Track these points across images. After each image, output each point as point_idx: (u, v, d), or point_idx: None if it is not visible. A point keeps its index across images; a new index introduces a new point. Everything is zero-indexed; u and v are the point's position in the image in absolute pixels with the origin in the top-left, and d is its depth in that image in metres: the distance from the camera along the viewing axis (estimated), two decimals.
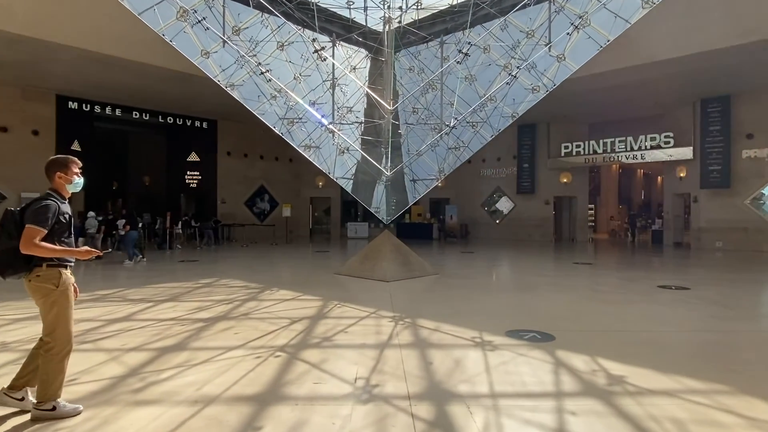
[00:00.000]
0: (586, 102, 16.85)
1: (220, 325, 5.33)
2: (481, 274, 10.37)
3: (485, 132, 11.48)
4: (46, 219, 2.62)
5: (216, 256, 14.03)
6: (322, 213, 24.75)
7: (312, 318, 5.74)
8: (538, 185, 20.38)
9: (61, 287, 2.70)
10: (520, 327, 5.31)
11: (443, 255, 14.48)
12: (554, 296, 7.40)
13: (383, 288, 7.93)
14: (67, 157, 2.84)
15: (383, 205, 10.92)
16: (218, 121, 20.15)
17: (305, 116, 11.23)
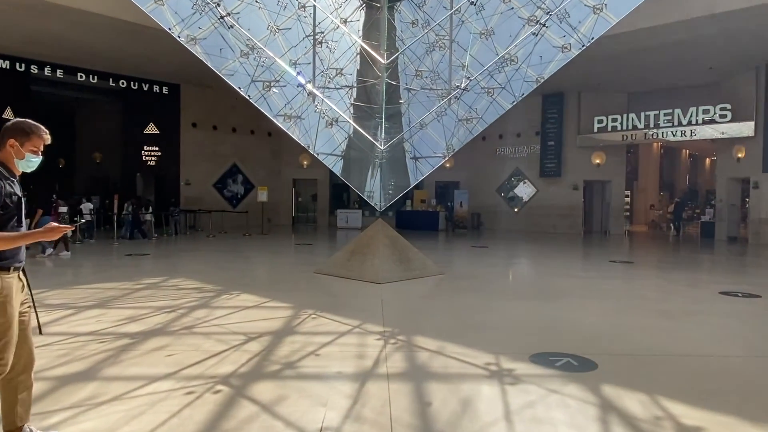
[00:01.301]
0: (626, 66, 16.14)
1: (151, 344, 4.64)
2: (497, 274, 9.76)
3: (503, 100, 10.80)
4: None
5: (173, 248, 13.39)
6: (307, 198, 24.12)
7: (275, 334, 5.05)
8: (566, 167, 19.85)
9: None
10: (549, 348, 4.63)
11: (450, 250, 13.87)
12: (590, 305, 6.74)
13: (373, 292, 7.27)
14: (35, 125, 2.58)
15: (377, 188, 10.23)
16: (181, 85, 19.43)
17: (284, 78, 10.56)
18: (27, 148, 2.55)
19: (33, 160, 2.59)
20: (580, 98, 19.56)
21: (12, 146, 2.52)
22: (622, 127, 18.38)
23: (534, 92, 10.83)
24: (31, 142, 2.56)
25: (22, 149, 2.54)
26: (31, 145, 2.56)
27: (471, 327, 5.45)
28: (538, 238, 17.30)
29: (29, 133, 2.55)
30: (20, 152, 2.53)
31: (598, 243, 16.68)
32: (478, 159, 21.55)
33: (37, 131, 2.58)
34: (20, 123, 2.58)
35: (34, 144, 2.57)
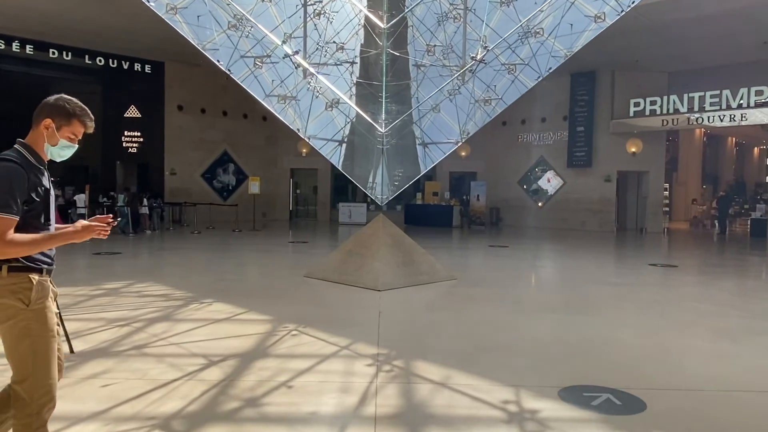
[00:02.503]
0: (668, 40, 15.45)
1: (88, 368, 4.08)
2: (518, 280, 9.19)
3: (526, 78, 10.25)
4: (13, 197, 2.08)
5: (150, 247, 12.92)
6: (307, 190, 23.66)
7: (243, 357, 4.46)
8: (597, 156, 19.29)
9: (33, 305, 2.18)
10: (583, 380, 4.01)
11: (465, 250, 13.28)
12: (630, 320, 6.11)
13: (371, 301, 6.69)
14: (80, 107, 2.32)
15: (379, 178, 9.66)
16: (165, 63, 18.97)
17: (276, 54, 10.07)
18: (64, 133, 2.30)
19: (67, 149, 2.33)
20: (614, 78, 18.94)
21: (47, 128, 2.26)
22: (661, 111, 17.77)
23: (561, 70, 10.30)
24: (70, 127, 2.30)
25: (58, 133, 2.28)
26: (69, 131, 2.31)
27: (485, 349, 4.82)
28: (565, 237, 16.80)
29: (71, 115, 2.29)
30: (54, 137, 2.27)
31: (633, 242, 16.06)
32: (498, 147, 21.16)
33: (82, 115, 2.32)
34: (63, 101, 2.30)
35: (73, 130, 2.32)
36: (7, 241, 2.08)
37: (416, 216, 20.34)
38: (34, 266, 2.22)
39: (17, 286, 2.17)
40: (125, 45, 17.10)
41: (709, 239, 17.46)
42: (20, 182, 2.12)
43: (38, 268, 2.23)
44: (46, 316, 2.23)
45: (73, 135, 2.33)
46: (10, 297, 2.16)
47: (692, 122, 17.54)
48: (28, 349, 2.18)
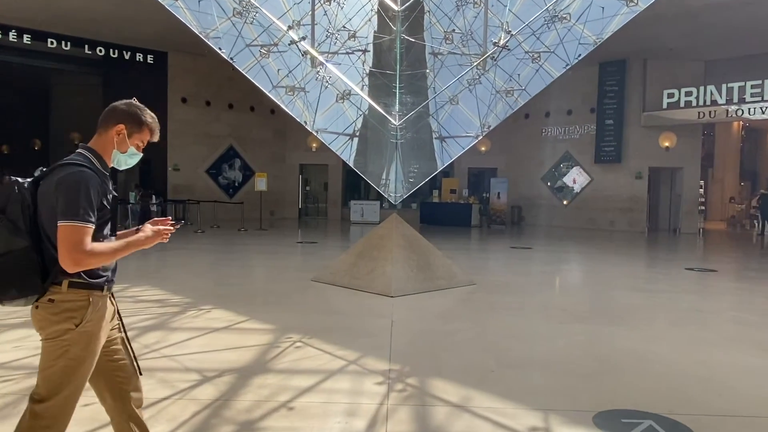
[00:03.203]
0: (705, 26, 15.12)
1: None
2: (542, 285, 8.92)
3: (552, 66, 9.96)
4: (90, 205, 2.10)
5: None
6: (317, 187, 23.55)
7: (241, 372, 4.25)
8: (627, 151, 19.05)
9: (82, 327, 2.15)
10: (621, 402, 3.75)
11: (485, 252, 13.01)
12: (668, 332, 5.82)
13: (382, 309, 6.46)
14: (151, 116, 2.39)
15: (393, 175, 9.45)
16: (169, 53, 18.92)
17: (284, 43, 9.94)
18: (134, 140, 2.34)
19: (134, 157, 2.38)
20: (646, 67, 18.66)
21: (119, 133, 2.29)
22: (697, 103, 17.52)
23: (589, 59, 10.09)
24: (141, 134, 2.35)
25: (129, 140, 2.32)
26: (139, 139, 2.35)
27: (509, 364, 4.56)
28: (593, 238, 16.50)
29: (142, 124, 2.34)
30: (125, 143, 2.31)
31: (667, 244, 15.68)
32: (520, 141, 21.02)
33: (152, 125, 2.38)
34: (135, 107, 2.35)
35: (143, 138, 2.37)
36: (87, 251, 2.06)
37: (432, 215, 20.18)
38: (96, 282, 2.20)
39: (73, 304, 2.15)
40: (127, 34, 17.04)
41: (748, 241, 17.02)
42: (95, 190, 2.14)
43: (99, 285, 2.21)
44: (92, 340, 2.19)
45: (141, 143, 2.37)
46: (61, 314, 2.14)
47: (731, 114, 17.19)
48: (61, 371, 2.14)
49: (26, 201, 2.13)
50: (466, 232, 17.75)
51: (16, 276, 2.10)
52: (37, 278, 2.11)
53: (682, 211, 19.29)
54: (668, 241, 16.63)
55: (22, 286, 2.11)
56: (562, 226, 19.81)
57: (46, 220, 2.12)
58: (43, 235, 2.13)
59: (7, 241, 2.10)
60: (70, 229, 2.05)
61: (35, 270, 2.11)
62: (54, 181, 2.11)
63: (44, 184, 2.15)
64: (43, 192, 2.14)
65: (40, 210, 2.14)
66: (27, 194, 2.15)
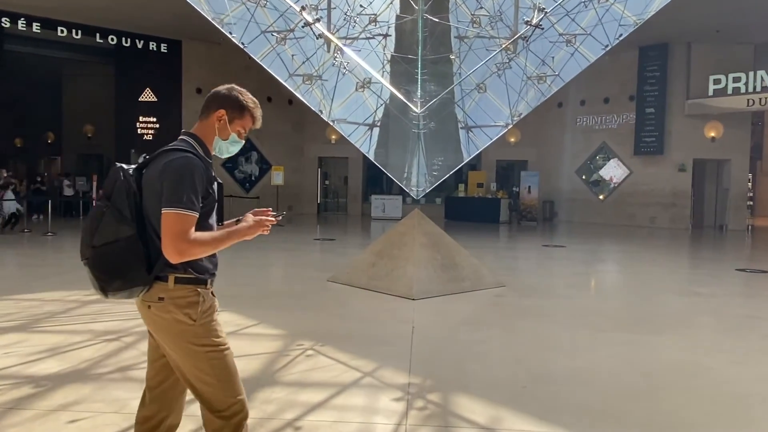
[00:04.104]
0: (755, 5, 14.71)
1: (58, 396, 3.72)
2: (578, 288, 8.61)
3: (587, 50, 9.68)
4: (195, 193, 2.11)
5: None
6: (337, 181, 23.43)
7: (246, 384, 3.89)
8: (669, 142, 18.70)
9: (201, 319, 2.19)
10: (675, 427, 3.41)
11: (515, 250, 12.67)
12: (722, 342, 5.49)
13: (403, 313, 6.21)
14: (253, 100, 2.36)
15: (415, 168, 9.20)
16: (183, 42, 18.90)
17: (300, 28, 9.81)
18: (235, 127, 2.32)
19: (236, 144, 2.36)
20: (690, 51, 18.32)
21: (219, 119, 2.29)
22: (746, 89, 17.08)
23: (628, 43, 9.75)
24: (242, 120, 2.33)
25: (230, 127, 2.30)
26: (240, 125, 2.33)
27: (543, 379, 4.24)
28: (632, 235, 16.11)
29: (243, 109, 2.31)
30: (226, 130, 2.30)
31: (713, 242, 15.21)
32: (553, 132, 20.74)
33: (254, 110, 2.34)
34: (236, 92, 2.33)
35: (244, 124, 2.34)
36: (191, 240, 2.06)
37: (458, 210, 19.97)
38: (201, 277, 2.21)
39: (184, 300, 2.17)
40: (139, 22, 17.08)
41: None
42: (201, 176, 2.13)
43: (204, 279, 2.22)
44: (216, 330, 2.23)
45: (242, 129, 2.34)
46: (177, 312, 2.16)
47: None
48: (207, 368, 2.18)
49: (131, 188, 2.15)
50: (494, 229, 17.48)
51: (121, 266, 2.11)
52: (142, 268, 2.12)
53: (729, 207, 18.91)
54: (714, 238, 16.18)
55: (128, 277, 2.12)
56: (598, 223, 19.48)
57: (150, 207, 2.13)
58: (147, 223, 2.14)
59: (114, 229, 2.11)
60: (174, 217, 2.05)
61: (141, 260, 2.12)
62: (158, 167, 2.12)
63: (149, 170, 2.17)
64: (147, 178, 2.15)
65: (144, 197, 2.15)
66: (132, 181, 2.16)
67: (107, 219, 2.12)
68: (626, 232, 16.76)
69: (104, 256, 2.11)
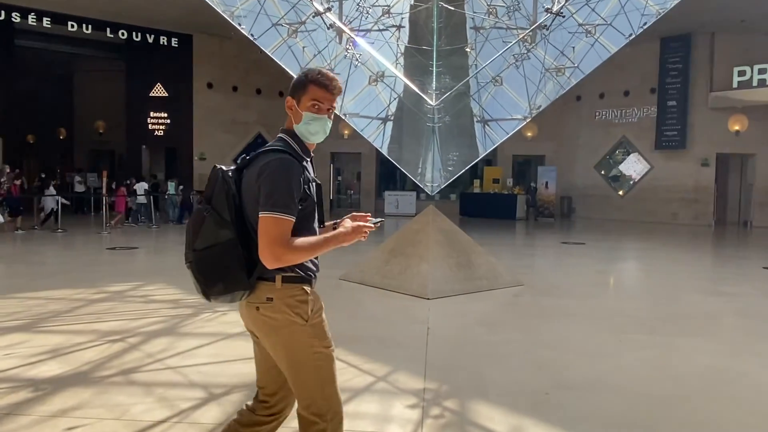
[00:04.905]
0: None
1: (57, 401, 3.61)
2: (599, 287, 8.44)
3: (608, 41, 9.47)
4: (291, 195, 2.06)
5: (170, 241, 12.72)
6: (350, 177, 23.30)
7: (253, 388, 3.82)
8: (692, 136, 18.46)
9: (311, 320, 2.16)
10: None
11: (532, 247, 12.44)
12: (757, 345, 5.28)
13: (417, 313, 6.05)
14: (313, 70, 2.24)
15: (429, 163, 9.04)
16: (194, 36, 18.84)
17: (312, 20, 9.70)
18: (304, 105, 2.19)
19: (314, 122, 2.19)
20: (713, 41, 17.98)
21: (290, 108, 2.23)
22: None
23: (649, 34, 9.56)
24: (307, 94, 2.19)
25: (299, 108, 2.20)
26: (308, 100, 2.19)
27: (567, 385, 4.04)
28: (653, 232, 15.84)
29: (303, 84, 2.19)
30: (297, 114, 2.20)
31: (737, 239, 14.92)
32: (571, 126, 20.52)
33: (316, 77, 2.19)
34: (298, 75, 2.27)
35: (312, 96, 2.18)
36: (288, 245, 2.02)
37: (473, 207, 19.80)
38: (306, 276, 2.17)
39: (294, 300, 2.14)
40: (150, 16, 17.03)
41: None
42: (297, 178, 2.08)
43: (309, 278, 2.19)
44: (324, 330, 2.21)
45: (313, 101, 2.18)
46: (288, 311, 2.13)
47: None
48: (311, 370, 2.16)
49: (231, 190, 2.12)
50: (511, 226, 17.26)
51: (222, 270, 2.10)
52: (242, 273, 2.09)
53: (754, 203, 18.56)
54: (739, 235, 15.92)
55: (229, 281, 2.11)
56: (617, 219, 19.21)
57: (249, 210, 2.10)
58: (248, 226, 2.11)
59: (213, 233, 2.11)
60: (271, 221, 2.01)
61: (241, 264, 2.10)
62: (256, 168, 2.08)
63: (248, 172, 2.13)
64: (246, 181, 2.13)
65: (244, 200, 2.13)
66: (231, 183, 2.14)
67: (208, 223, 2.12)
68: (647, 229, 16.47)
69: (205, 260, 2.11)
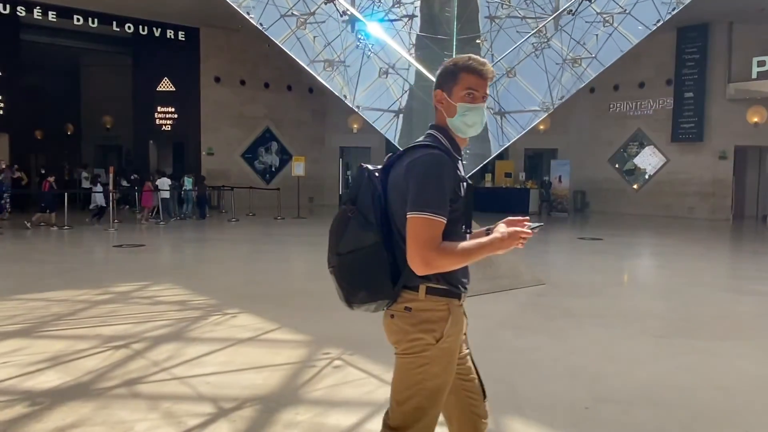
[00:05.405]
0: None
1: (53, 418, 3.31)
2: (624, 286, 8.15)
3: (627, 31, 9.12)
4: (443, 195, 1.92)
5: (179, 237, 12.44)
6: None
7: (265, 402, 3.56)
8: (710, 128, 18.01)
9: (443, 342, 1.97)
10: None
11: (548, 244, 12.07)
12: None
13: None
14: (463, 57, 2.06)
15: None
16: (201, 29, 18.57)
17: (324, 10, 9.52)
18: (456, 96, 2.02)
19: (470, 112, 2.01)
20: (731, 31, 17.56)
21: (440, 102, 2.06)
22: None
23: (665, 23, 9.48)
24: (459, 84, 2.02)
25: (451, 100, 2.02)
26: (461, 90, 2.01)
27: (606, 397, 3.71)
28: (670, 226, 15.43)
29: (454, 72, 2.03)
30: (450, 105, 2.02)
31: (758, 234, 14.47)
32: (584, 118, 20.16)
33: (468, 63, 2.03)
34: (444, 64, 2.11)
35: (466, 85, 2.01)
36: (440, 249, 1.86)
37: (485, 201, 19.23)
38: (455, 289, 2.01)
39: (432, 314, 1.98)
40: (156, 8, 16.76)
41: None
42: (450, 176, 1.95)
43: (458, 292, 2.02)
44: (452, 358, 2.02)
45: (468, 90, 2.00)
46: (422, 326, 1.97)
47: None
48: (424, 395, 1.98)
49: (377, 191, 2.00)
50: None
51: (366, 276, 2.00)
52: (387, 279, 1.97)
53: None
54: (759, 230, 15.48)
55: (373, 289, 2.00)
56: (632, 214, 18.82)
57: (396, 211, 1.97)
58: (394, 229, 1.99)
59: (358, 236, 1.99)
60: (421, 222, 1.86)
61: (386, 270, 1.98)
62: (404, 166, 1.95)
63: (395, 170, 2.00)
64: (393, 179, 1.99)
65: (390, 200, 2.00)
66: (377, 183, 2.01)
67: (352, 225, 2.00)
68: (663, 223, 16.08)
69: (348, 265, 2.00)
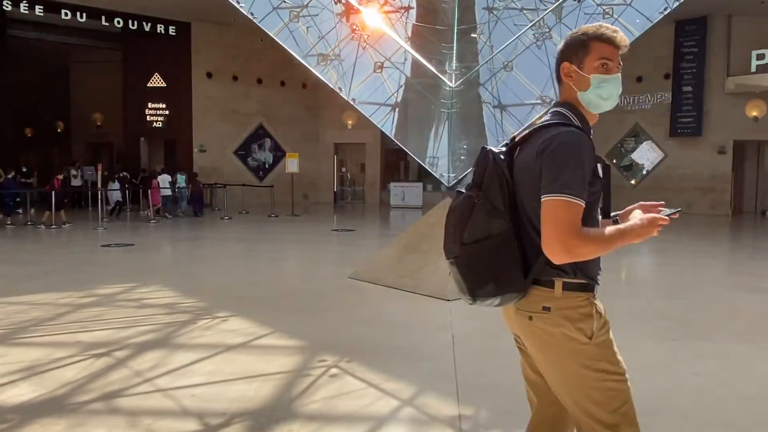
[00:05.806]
0: None
1: None
2: (631, 284, 7.88)
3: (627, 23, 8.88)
4: (583, 177, 1.78)
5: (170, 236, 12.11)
6: (355, 168, 22.74)
7: (255, 416, 3.26)
8: (708, 122, 17.84)
9: (596, 338, 1.83)
10: None
11: None
12: None
13: (438, 317, 5.46)
14: (593, 25, 1.91)
15: (444, 151, 8.52)
16: (192, 24, 18.24)
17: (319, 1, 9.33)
18: (589, 67, 1.87)
19: (606, 84, 1.87)
20: (730, 24, 17.35)
21: (569, 75, 1.90)
22: None
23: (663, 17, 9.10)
24: (591, 54, 1.88)
25: (584, 72, 1.87)
26: (593, 60, 1.87)
27: None
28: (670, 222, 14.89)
29: (583, 42, 1.88)
30: (582, 78, 1.88)
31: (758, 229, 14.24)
32: None
33: (600, 32, 1.88)
34: (572, 35, 1.94)
35: (600, 54, 1.87)
36: (582, 235, 1.74)
37: None
38: (592, 282, 1.89)
39: (575, 312, 1.85)
40: (146, 2, 16.39)
41: None
42: (589, 156, 1.83)
43: (594, 285, 1.90)
44: (614, 350, 1.88)
45: (602, 60, 1.87)
46: (567, 326, 1.83)
47: None
48: (601, 402, 1.83)
49: (504, 175, 1.89)
50: None
51: (494, 267, 1.86)
52: (518, 271, 1.84)
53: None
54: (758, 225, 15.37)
55: (501, 280, 1.85)
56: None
57: (525, 196, 1.86)
58: (523, 215, 1.88)
59: (485, 225, 1.87)
60: (560, 205, 1.73)
61: (516, 261, 1.86)
62: (536, 145, 1.83)
63: (523, 151, 1.89)
64: (522, 161, 1.88)
65: (518, 184, 1.89)
66: (504, 167, 1.90)
67: (477, 212, 1.86)
68: None
69: (475, 255, 1.85)
